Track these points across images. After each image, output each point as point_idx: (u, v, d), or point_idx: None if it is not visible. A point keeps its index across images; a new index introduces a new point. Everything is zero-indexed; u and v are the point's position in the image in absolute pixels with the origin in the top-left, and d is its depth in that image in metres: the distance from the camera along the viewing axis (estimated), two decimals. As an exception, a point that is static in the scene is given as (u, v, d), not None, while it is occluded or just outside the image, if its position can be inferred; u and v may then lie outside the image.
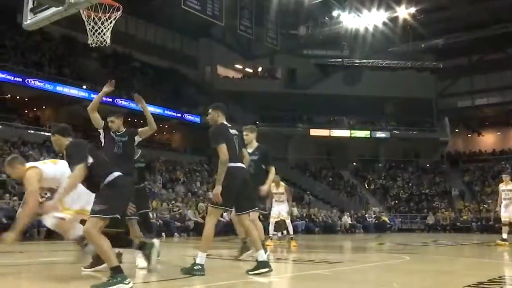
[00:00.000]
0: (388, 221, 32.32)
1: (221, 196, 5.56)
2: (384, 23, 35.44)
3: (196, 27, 39.84)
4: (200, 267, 5.50)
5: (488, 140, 45.74)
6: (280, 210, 13.25)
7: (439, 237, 21.35)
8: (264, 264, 5.67)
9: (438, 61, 43.26)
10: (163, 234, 17.90)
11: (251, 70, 49.11)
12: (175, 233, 19.05)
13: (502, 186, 13.66)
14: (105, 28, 7.07)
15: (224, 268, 7.03)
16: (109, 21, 7.06)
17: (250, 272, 5.66)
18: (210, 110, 6.18)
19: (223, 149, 5.62)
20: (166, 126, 37.94)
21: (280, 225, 15.82)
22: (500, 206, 13.61)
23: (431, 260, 9.82)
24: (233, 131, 6.03)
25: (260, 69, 49.05)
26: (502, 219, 13.61)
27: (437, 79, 45.49)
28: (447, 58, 42.07)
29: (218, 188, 5.54)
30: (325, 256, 9.68)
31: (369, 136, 44.29)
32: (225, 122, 6.09)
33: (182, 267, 5.75)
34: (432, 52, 41.97)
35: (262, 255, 5.75)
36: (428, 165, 44.82)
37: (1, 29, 29.73)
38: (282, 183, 13.44)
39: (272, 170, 7.97)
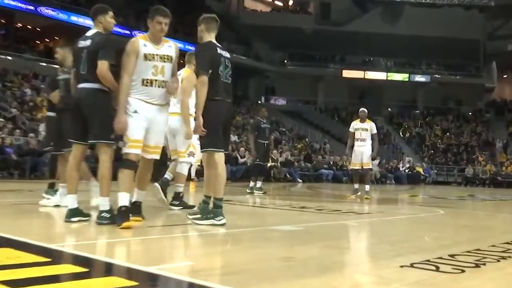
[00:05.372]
0: (423, 173, 32.22)
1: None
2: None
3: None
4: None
5: (539, 88, 44.81)
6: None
7: (477, 192, 21.29)
8: None
9: (489, -1, 41.90)
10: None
11: (281, 3, 48.25)
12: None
13: None
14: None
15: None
16: None
17: None
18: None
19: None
20: (187, 62, 37.81)
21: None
22: None
23: (466, 215, 9.84)
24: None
25: (291, 2, 48.11)
26: None
27: (486, 19, 44.04)
28: (500, -6, 40.67)
29: None
30: (352, 206, 9.75)
31: (407, 79, 43.68)
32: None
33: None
34: (483, -12, 40.65)
35: None
36: (470, 113, 44.15)
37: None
38: None
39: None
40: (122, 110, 5.11)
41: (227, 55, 5.69)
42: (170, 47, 5.39)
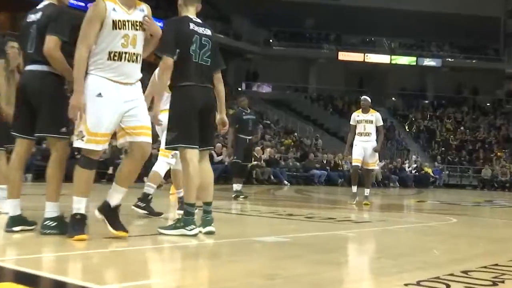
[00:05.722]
0: (432, 174, 32.41)
1: None
2: None
3: None
4: None
5: None
6: None
7: (496, 197, 21.47)
8: None
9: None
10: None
11: (265, -28, 48.11)
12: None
13: None
14: None
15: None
16: None
17: None
18: None
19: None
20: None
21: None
22: None
23: (483, 224, 9.93)
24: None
25: (277, -30, 48.01)
26: None
27: (508, -7, 44.39)
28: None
29: None
30: (348, 214, 9.79)
31: (414, 63, 43.76)
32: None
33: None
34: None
35: None
36: (488, 103, 44.42)
37: None
38: None
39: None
40: (79, 89, 4.74)
41: (206, 32, 5.60)
42: (143, 12, 5.08)
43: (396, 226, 8.33)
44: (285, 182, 23.65)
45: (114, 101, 4.86)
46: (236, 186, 12.26)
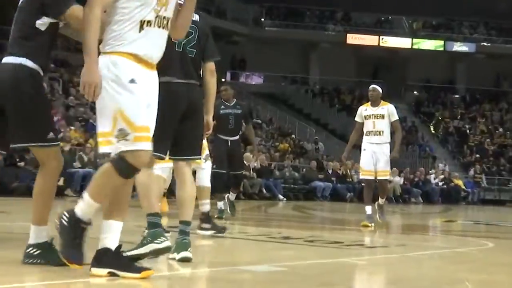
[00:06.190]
0: (464, 187, 32.46)
1: None
2: None
3: None
4: None
5: None
6: None
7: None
8: None
9: None
10: None
11: None
12: None
13: None
14: None
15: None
16: None
17: None
18: None
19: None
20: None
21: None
22: None
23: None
24: None
25: None
26: None
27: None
28: None
29: None
30: (358, 237, 9.82)
31: (441, 48, 43.78)
32: None
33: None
34: None
35: None
36: (533, 99, 44.60)
37: None
38: None
39: None
40: (92, 59, 4.27)
41: (194, 17, 5.53)
42: None
43: (418, 252, 8.37)
44: (280, 196, 23.65)
45: (147, 91, 4.56)
46: (221, 204, 11.98)
